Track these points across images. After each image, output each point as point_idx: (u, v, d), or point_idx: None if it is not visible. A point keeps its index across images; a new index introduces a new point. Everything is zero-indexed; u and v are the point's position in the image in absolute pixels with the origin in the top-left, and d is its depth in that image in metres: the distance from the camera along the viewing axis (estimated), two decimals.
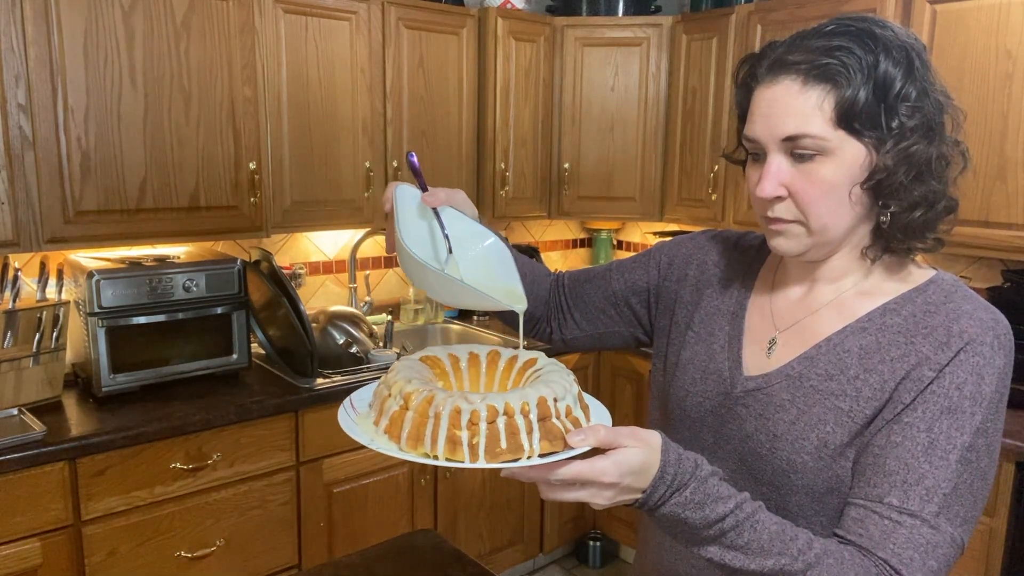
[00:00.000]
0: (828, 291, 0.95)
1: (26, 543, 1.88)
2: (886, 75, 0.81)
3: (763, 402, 0.93)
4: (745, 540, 0.78)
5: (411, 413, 0.75)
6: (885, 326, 0.88)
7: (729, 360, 0.99)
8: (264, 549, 2.29)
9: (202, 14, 2.24)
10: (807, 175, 0.85)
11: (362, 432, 0.78)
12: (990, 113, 2.22)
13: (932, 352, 0.84)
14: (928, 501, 0.80)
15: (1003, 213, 2.22)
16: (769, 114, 0.86)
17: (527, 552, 3.04)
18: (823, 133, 0.83)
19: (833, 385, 0.88)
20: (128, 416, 2.07)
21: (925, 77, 0.83)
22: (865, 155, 0.84)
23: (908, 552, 0.79)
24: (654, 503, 0.77)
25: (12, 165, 1.99)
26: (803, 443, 0.88)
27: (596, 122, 3.16)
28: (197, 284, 2.25)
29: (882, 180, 0.84)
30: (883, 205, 0.86)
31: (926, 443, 0.81)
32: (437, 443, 0.73)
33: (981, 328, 0.84)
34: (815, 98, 0.83)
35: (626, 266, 1.19)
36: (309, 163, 2.55)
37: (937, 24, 2.31)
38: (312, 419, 2.33)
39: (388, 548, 1.50)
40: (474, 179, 3.02)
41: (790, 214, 0.88)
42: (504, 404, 0.74)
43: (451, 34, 2.84)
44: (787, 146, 0.86)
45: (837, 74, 0.81)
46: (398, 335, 3.04)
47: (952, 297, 0.88)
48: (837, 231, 0.88)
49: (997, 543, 2.02)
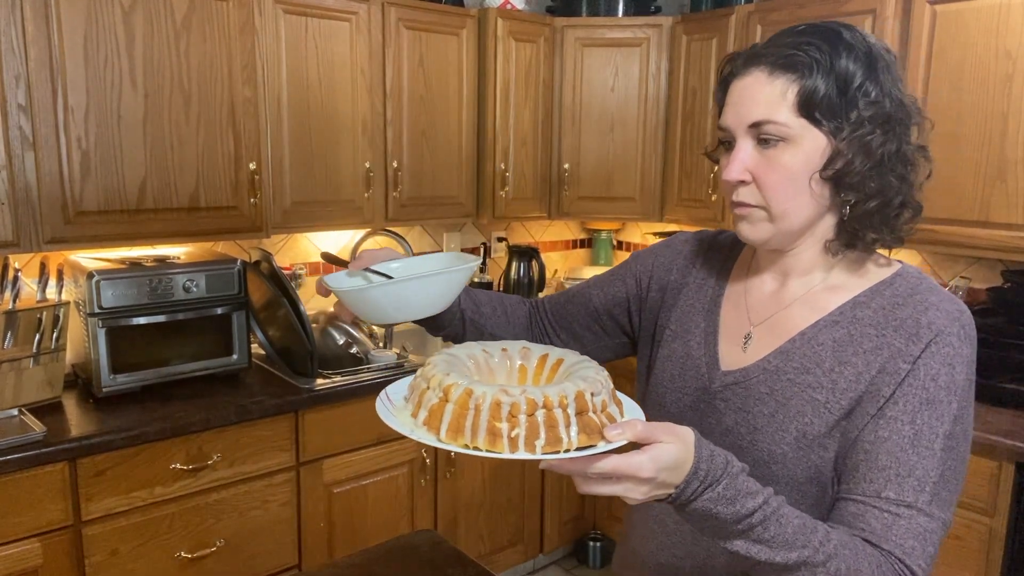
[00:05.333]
0: (798, 285, 0.98)
1: (26, 543, 1.88)
2: (847, 70, 0.87)
3: (742, 396, 0.96)
4: (771, 534, 0.80)
5: (451, 405, 0.77)
6: (856, 319, 0.92)
7: (706, 356, 1.02)
8: (264, 549, 2.29)
9: (202, 14, 2.24)
10: (770, 161, 0.90)
11: (401, 423, 0.80)
12: (990, 113, 2.22)
13: (904, 344, 0.88)
14: (921, 491, 0.84)
15: (1003, 213, 2.22)
16: (739, 102, 0.92)
17: (527, 552, 3.04)
18: (787, 120, 0.88)
19: (809, 378, 0.92)
20: (128, 416, 2.07)
21: (888, 80, 0.89)
22: (825, 144, 0.88)
23: (910, 542, 0.83)
24: (687, 498, 0.78)
25: (12, 165, 1.99)
26: (783, 435, 0.92)
27: (596, 122, 3.16)
28: (197, 284, 2.25)
29: (840, 170, 0.88)
30: (844, 198, 0.90)
31: (911, 435, 0.86)
32: (478, 435, 0.75)
33: (948, 320, 0.88)
34: (780, 87, 0.88)
35: (604, 280, 1.21)
36: (309, 163, 2.55)
37: (937, 24, 2.31)
38: (312, 419, 2.33)
39: (388, 548, 1.50)
40: (474, 179, 3.03)
41: (753, 199, 0.92)
42: (543, 397, 0.75)
43: (451, 34, 2.84)
44: (754, 132, 0.91)
45: (802, 65, 0.87)
46: (398, 336, 3.04)
47: (918, 289, 0.92)
48: (798, 218, 0.92)
49: (997, 543, 2.01)
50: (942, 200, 2.35)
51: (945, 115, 2.31)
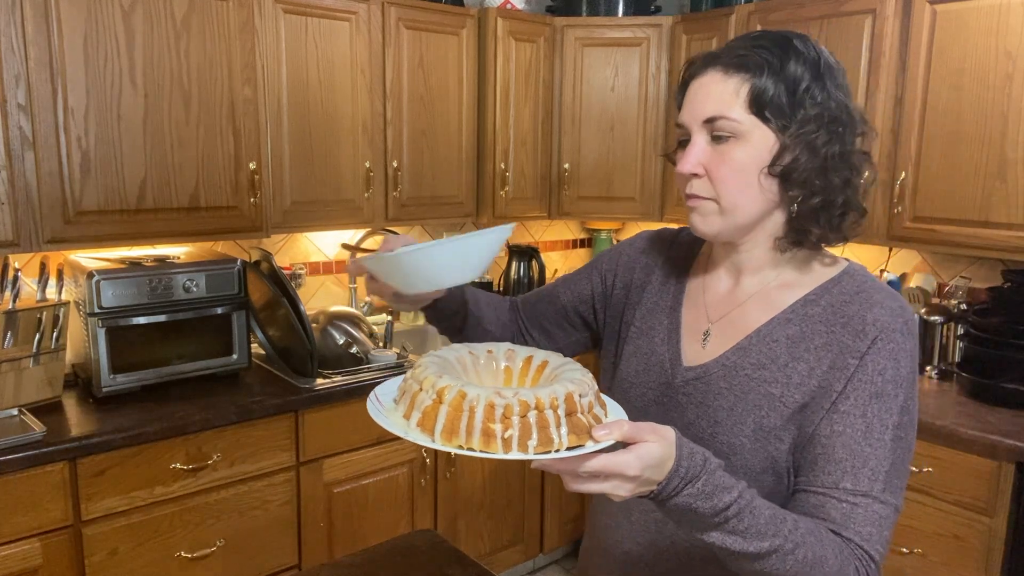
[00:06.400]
0: (751, 283, 1.04)
1: (26, 543, 1.88)
2: (795, 74, 0.93)
3: (702, 391, 1.01)
4: (745, 525, 0.83)
5: (445, 407, 0.78)
6: (807, 316, 0.98)
7: (669, 352, 1.07)
8: (264, 549, 2.29)
9: (202, 14, 2.24)
10: (722, 155, 0.95)
11: (394, 424, 0.81)
12: (990, 113, 2.22)
13: (851, 340, 0.94)
14: (875, 480, 0.90)
15: (1003, 213, 2.22)
16: (695, 99, 0.98)
17: (527, 552, 3.04)
18: (738, 116, 0.94)
19: (766, 373, 0.97)
20: (128, 416, 2.07)
21: (834, 87, 0.95)
22: (774, 141, 0.94)
23: (867, 529, 0.89)
24: (668, 494, 0.81)
25: (12, 165, 1.99)
26: (741, 427, 0.97)
27: (596, 122, 3.16)
28: (197, 284, 2.25)
29: (787, 166, 0.94)
30: (790, 195, 0.96)
31: (863, 428, 0.91)
32: (472, 436, 0.76)
33: (891, 316, 0.94)
34: (734, 85, 0.94)
35: (571, 279, 1.26)
36: (309, 163, 2.55)
37: (937, 24, 2.31)
38: (312, 419, 2.33)
39: (388, 548, 1.50)
40: (474, 179, 3.03)
41: (705, 191, 0.97)
42: (536, 399, 0.77)
43: (451, 34, 2.84)
44: (708, 127, 0.96)
45: (754, 65, 0.93)
46: (398, 335, 3.04)
47: (863, 287, 0.98)
48: (747, 212, 0.97)
49: (997, 543, 2.02)
50: (942, 200, 2.35)
51: (945, 115, 2.31)
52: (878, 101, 2.45)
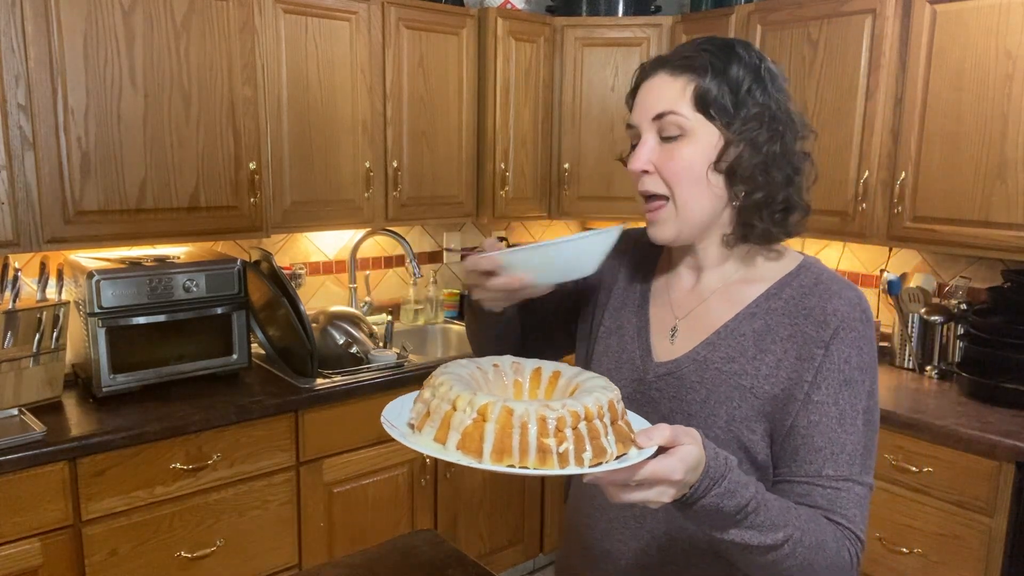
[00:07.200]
0: (712, 279, 1.08)
1: (26, 543, 1.88)
2: (737, 76, 0.98)
3: (675, 385, 1.05)
4: (762, 519, 0.85)
5: (492, 425, 0.75)
6: (771, 309, 1.02)
7: (640, 348, 1.10)
8: (264, 549, 2.29)
9: (202, 14, 2.24)
10: (670, 152, 1.00)
11: (433, 448, 0.78)
12: (990, 113, 2.22)
13: (814, 331, 0.98)
14: (852, 464, 0.95)
15: (1003, 213, 2.22)
16: (645, 100, 1.03)
17: (527, 552, 3.04)
18: (686, 113, 0.99)
19: (735, 366, 1.01)
20: (128, 416, 2.07)
21: (774, 90, 1.00)
22: (718, 138, 0.99)
23: (852, 511, 0.94)
24: (697, 496, 0.81)
25: (12, 165, 1.99)
26: (714, 419, 1.00)
27: (596, 122, 3.16)
28: (197, 284, 2.25)
29: (732, 163, 0.98)
30: (735, 190, 1.00)
31: (837, 416, 0.96)
32: (527, 454, 0.74)
33: (850, 306, 0.99)
34: (681, 84, 0.99)
35: None
36: (309, 163, 2.55)
37: (937, 24, 2.31)
38: (312, 419, 2.33)
39: (388, 548, 1.50)
40: (474, 179, 3.03)
41: (657, 187, 1.02)
42: (584, 409, 0.76)
43: (451, 34, 2.84)
44: (657, 125, 1.01)
45: (699, 67, 0.99)
46: (398, 335, 3.04)
47: (820, 279, 1.02)
48: (699, 209, 1.01)
49: (997, 543, 2.02)
50: (942, 200, 2.35)
51: (945, 115, 2.31)
52: (878, 101, 2.45)
